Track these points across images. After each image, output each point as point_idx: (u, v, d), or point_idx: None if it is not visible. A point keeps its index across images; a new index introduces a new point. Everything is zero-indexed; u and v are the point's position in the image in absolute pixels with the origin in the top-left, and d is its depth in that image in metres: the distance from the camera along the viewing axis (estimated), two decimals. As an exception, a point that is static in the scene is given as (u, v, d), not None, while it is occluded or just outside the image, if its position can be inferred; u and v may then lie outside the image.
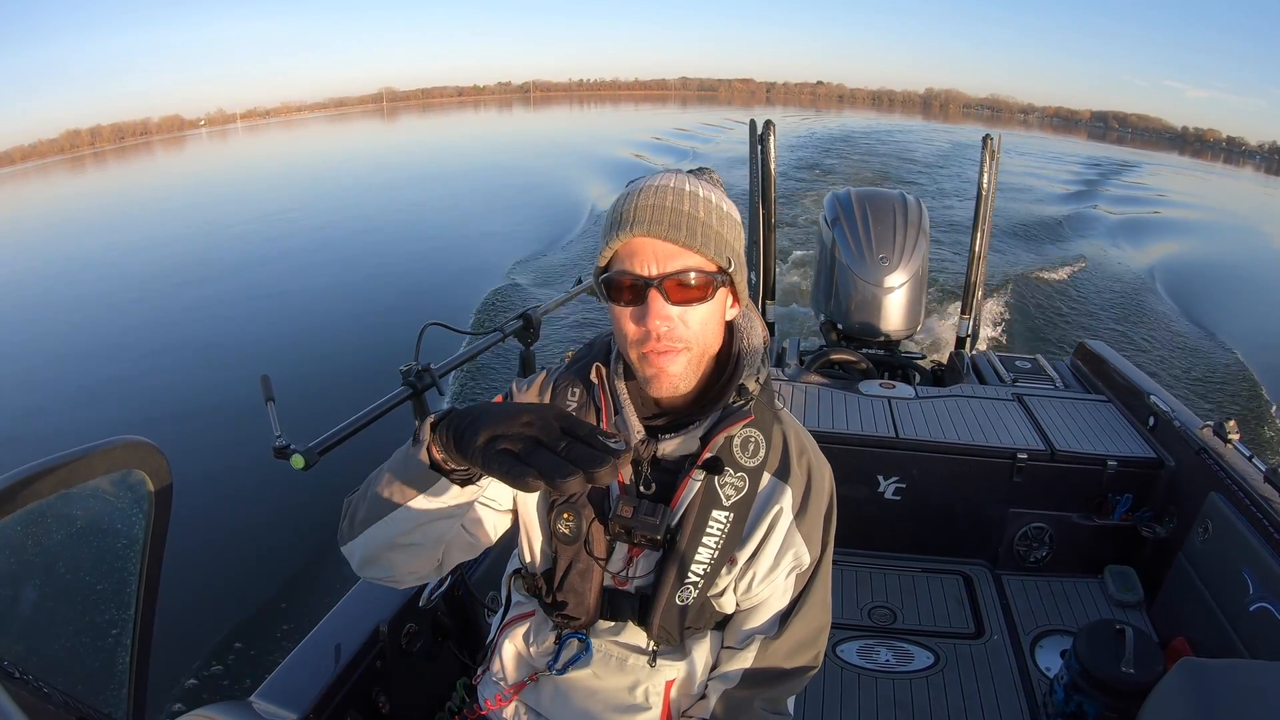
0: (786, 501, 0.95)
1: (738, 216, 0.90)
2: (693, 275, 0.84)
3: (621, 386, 0.94)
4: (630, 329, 0.86)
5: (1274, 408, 5.72)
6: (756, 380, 0.94)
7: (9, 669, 0.70)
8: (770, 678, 0.97)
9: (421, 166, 23.71)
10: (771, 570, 0.96)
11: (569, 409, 0.96)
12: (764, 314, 3.73)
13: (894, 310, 3.24)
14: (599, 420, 0.95)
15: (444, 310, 7.43)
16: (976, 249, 3.40)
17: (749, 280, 3.85)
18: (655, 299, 0.84)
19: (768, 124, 3.45)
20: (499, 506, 1.00)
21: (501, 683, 1.06)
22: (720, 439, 0.91)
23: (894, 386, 2.71)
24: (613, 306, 0.87)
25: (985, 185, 3.28)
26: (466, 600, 1.64)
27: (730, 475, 0.92)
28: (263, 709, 1.20)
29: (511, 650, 1.06)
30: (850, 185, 3.83)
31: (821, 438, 1.05)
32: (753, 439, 0.93)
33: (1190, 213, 16.66)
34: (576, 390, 0.97)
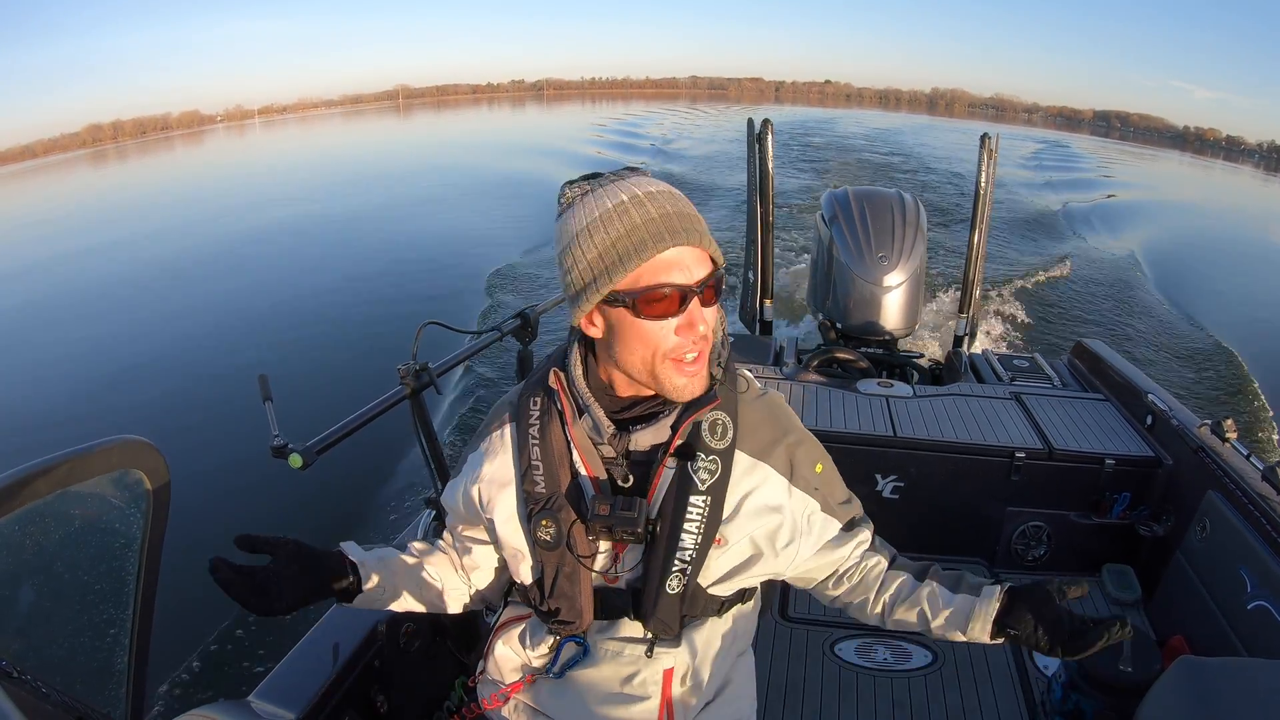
0: (769, 478, 0.97)
1: None
2: (716, 275, 0.87)
3: (583, 386, 0.93)
4: (669, 341, 0.85)
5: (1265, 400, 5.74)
6: (719, 364, 0.95)
7: (7, 668, 0.70)
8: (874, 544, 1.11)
9: (426, 164, 23.54)
10: (794, 543, 0.99)
11: (531, 419, 0.97)
12: (761, 314, 3.73)
13: (892, 309, 3.24)
14: (562, 424, 0.95)
15: (443, 309, 7.42)
16: (974, 247, 3.40)
17: (747, 279, 3.86)
18: (697, 306, 0.85)
19: (765, 123, 3.44)
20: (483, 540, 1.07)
21: (499, 682, 1.06)
22: (690, 424, 0.92)
23: (892, 385, 2.70)
24: (642, 323, 0.85)
25: (983, 184, 3.28)
26: None
27: (703, 460, 0.92)
28: (261, 708, 1.20)
29: (507, 653, 1.06)
30: (847, 182, 3.79)
31: (819, 436, 1.05)
32: (720, 421, 0.94)
33: (1139, 192, 17.61)
34: (539, 400, 0.97)
